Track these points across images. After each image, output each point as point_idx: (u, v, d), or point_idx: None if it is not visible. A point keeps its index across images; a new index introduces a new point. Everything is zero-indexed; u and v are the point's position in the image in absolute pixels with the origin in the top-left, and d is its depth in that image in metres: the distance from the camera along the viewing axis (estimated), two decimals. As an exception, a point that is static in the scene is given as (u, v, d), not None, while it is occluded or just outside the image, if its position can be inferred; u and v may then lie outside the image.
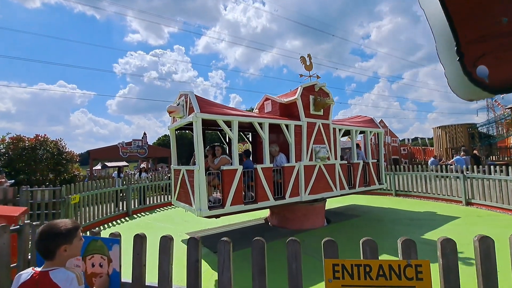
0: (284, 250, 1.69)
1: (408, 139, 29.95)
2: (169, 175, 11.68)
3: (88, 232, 2.17)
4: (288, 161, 6.03)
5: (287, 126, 5.93)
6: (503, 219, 6.55)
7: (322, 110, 6.54)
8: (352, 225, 6.50)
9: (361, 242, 1.57)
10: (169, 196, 10.57)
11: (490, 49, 1.04)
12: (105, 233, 6.69)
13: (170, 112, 5.49)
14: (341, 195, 6.91)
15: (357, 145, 8.23)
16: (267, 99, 7.00)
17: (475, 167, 8.23)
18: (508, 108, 17.96)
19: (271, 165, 5.79)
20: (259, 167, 5.51)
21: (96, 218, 7.56)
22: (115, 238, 1.77)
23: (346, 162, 7.11)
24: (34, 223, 2.41)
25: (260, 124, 5.61)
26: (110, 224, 7.73)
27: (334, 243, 1.59)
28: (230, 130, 5.25)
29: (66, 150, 11.41)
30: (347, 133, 7.94)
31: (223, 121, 5.13)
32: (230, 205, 5.08)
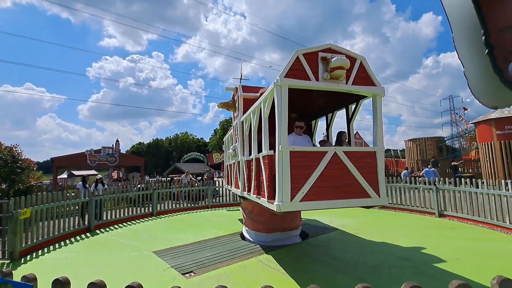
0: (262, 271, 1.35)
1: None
2: (139, 185, 10.91)
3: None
4: None
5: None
6: (474, 231, 6.66)
7: (235, 108, 6.52)
8: (329, 240, 6.27)
9: None
10: (140, 209, 9.83)
11: None
12: (61, 252, 6.04)
13: None
14: (244, 197, 5.76)
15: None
16: None
17: (447, 179, 8.43)
18: (472, 123, 19.11)
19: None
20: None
21: (51, 235, 6.73)
22: (28, 284, 1.31)
23: (251, 158, 5.02)
24: None
25: None
26: (67, 241, 6.91)
27: None
28: None
29: (22, 157, 10.31)
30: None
31: None
32: None
